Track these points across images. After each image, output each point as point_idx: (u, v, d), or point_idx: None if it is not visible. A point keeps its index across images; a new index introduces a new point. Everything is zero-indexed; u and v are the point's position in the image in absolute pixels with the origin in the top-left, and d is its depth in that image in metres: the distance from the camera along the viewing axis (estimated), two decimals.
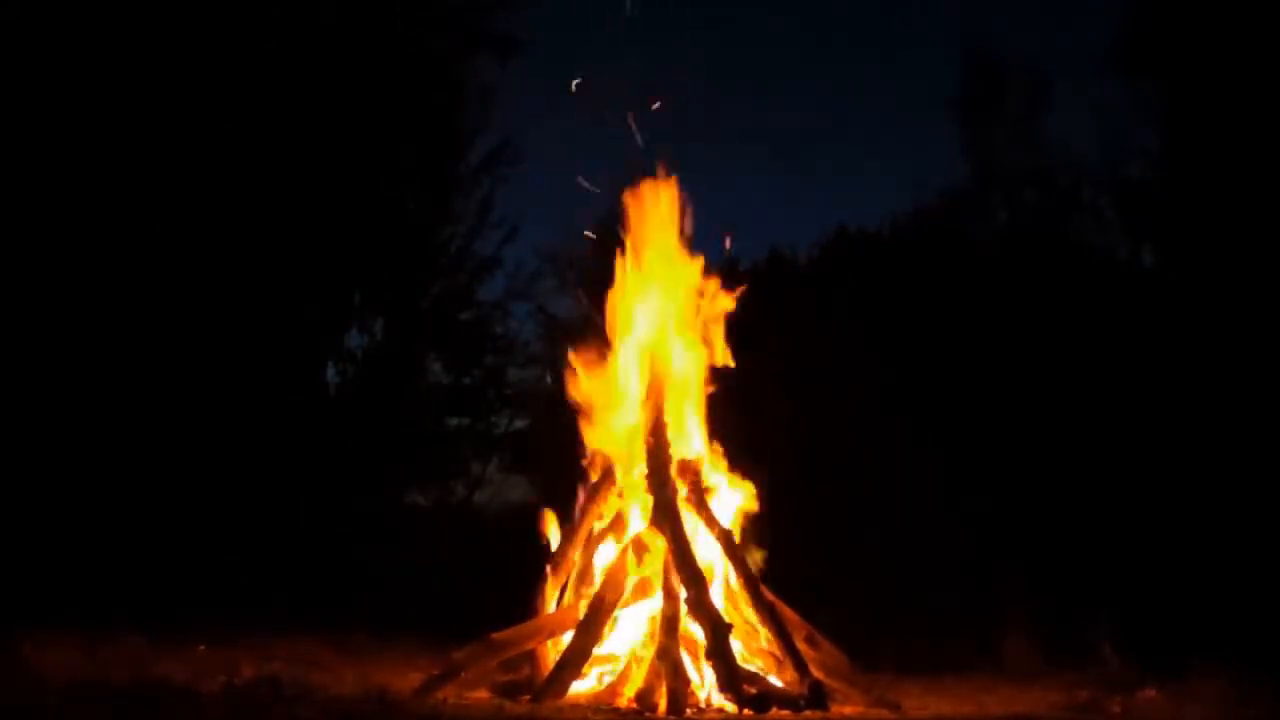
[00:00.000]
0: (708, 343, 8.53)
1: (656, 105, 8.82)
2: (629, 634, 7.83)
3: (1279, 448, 12.84)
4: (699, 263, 8.63)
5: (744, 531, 8.24)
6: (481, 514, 16.94)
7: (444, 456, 17.06)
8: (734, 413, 8.65)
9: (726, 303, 8.59)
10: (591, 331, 8.64)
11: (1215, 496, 12.78)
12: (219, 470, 13.92)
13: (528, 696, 7.47)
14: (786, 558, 8.39)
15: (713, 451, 8.42)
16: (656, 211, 8.61)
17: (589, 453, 8.50)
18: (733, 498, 8.35)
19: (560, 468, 9.17)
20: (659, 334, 8.52)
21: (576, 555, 8.22)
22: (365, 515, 15.14)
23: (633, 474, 8.23)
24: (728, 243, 9.47)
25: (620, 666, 7.69)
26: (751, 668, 7.59)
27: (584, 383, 8.56)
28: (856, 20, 37.30)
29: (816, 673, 7.47)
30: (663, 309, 8.54)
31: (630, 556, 7.88)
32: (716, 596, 7.71)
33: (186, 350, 14.23)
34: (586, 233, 8.95)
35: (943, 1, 31.95)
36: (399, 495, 16.61)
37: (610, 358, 8.56)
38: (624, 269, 8.64)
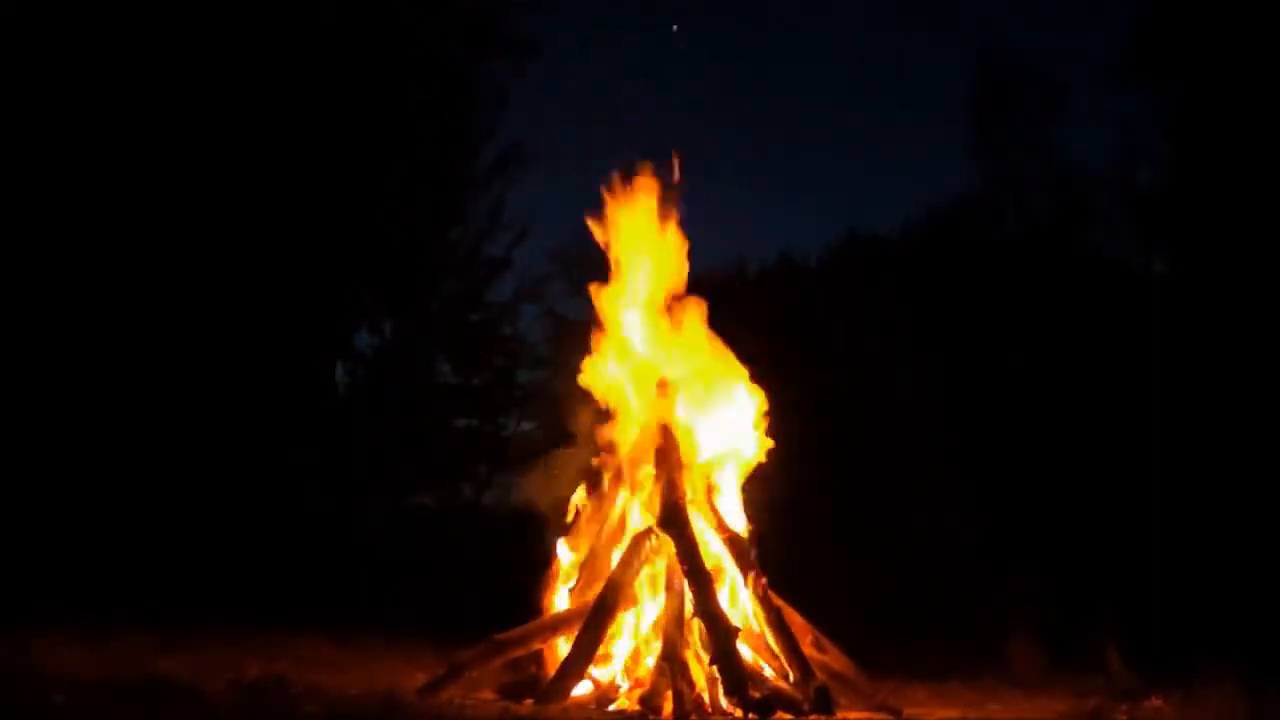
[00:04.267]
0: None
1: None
2: (635, 635, 7.82)
3: None
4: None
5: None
6: (488, 515, 16.94)
7: (452, 457, 17.07)
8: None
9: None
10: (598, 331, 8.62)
11: (1222, 504, 12.74)
12: (227, 469, 13.94)
13: (531, 698, 7.46)
14: (794, 562, 8.37)
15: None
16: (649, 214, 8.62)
17: (599, 453, 8.48)
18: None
19: (568, 469, 9.15)
20: (667, 335, 8.51)
21: (583, 555, 8.21)
22: (372, 515, 15.16)
23: (642, 475, 8.21)
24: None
25: (625, 668, 7.68)
26: (757, 671, 7.56)
27: (596, 383, 8.56)
28: (870, 27, 37.35)
29: (822, 677, 7.44)
30: (668, 309, 8.53)
31: (637, 558, 7.86)
32: (723, 599, 7.69)
33: (197, 350, 14.26)
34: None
35: (956, 8, 31.94)
36: (407, 496, 16.63)
37: (619, 358, 8.54)
38: (624, 273, 8.63)
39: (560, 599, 8.13)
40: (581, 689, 7.53)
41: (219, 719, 6.26)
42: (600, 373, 8.55)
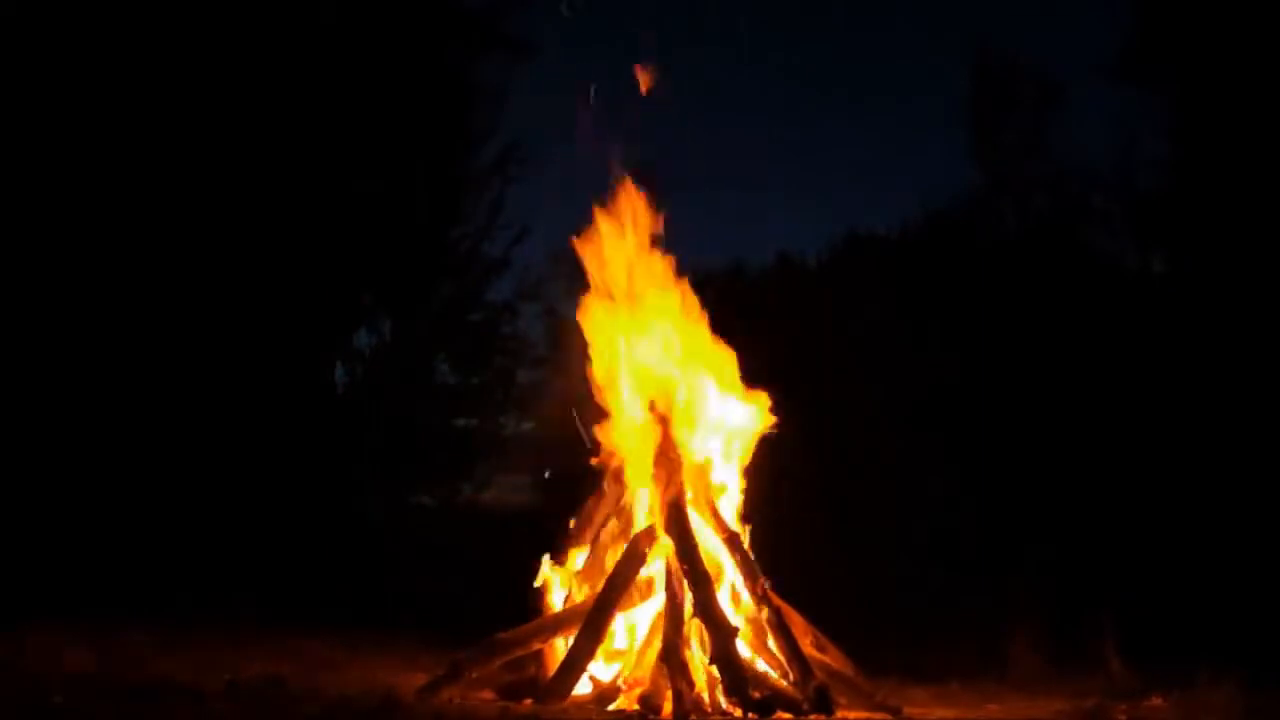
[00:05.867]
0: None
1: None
2: (634, 635, 7.82)
3: None
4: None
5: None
6: (487, 515, 16.94)
7: (451, 457, 17.06)
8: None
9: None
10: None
11: (1222, 503, 12.74)
12: (226, 469, 13.94)
13: (531, 698, 7.46)
14: (793, 562, 8.37)
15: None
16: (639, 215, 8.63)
17: (598, 453, 8.48)
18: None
19: (567, 468, 9.17)
20: (667, 333, 8.51)
21: (583, 555, 8.21)
22: (371, 515, 15.15)
23: (641, 474, 8.21)
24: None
25: (625, 668, 7.68)
26: (757, 671, 7.56)
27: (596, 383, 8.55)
28: (868, 26, 37.35)
29: (822, 677, 7.44)
30: (668, 307, 8.53)
31: (636, 557, 7.86)
32: (723, 598, 7.69)
33: (195, 350, 14.26)
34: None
35: (954, 7, 31.97)
36: (406, 495, 16.62)
37: (618, 358, 8.53)
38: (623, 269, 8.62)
39: (561, 599, 8.13)
40: (581, 689, 7.54)
41: (218, 719, 6.26)
42: (599, 372, 8.55)
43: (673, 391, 8.32)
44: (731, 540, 7.99)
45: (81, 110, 14.11)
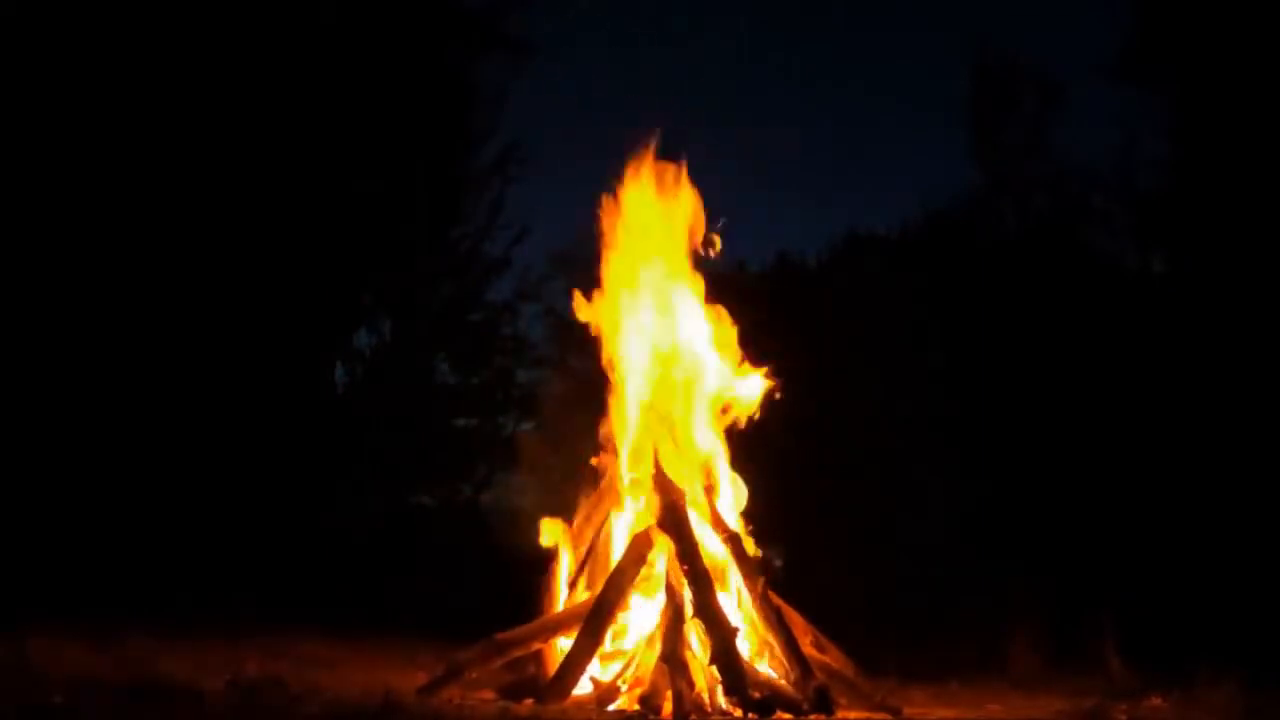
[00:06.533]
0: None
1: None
2: (634, 635, 7.82)
3: None
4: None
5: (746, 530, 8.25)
6: (487, 514, 16.94)
7: (451, 457, 17.07)
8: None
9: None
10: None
11: (1222, 503, 12.75)
12: (226, 469, 13.95)
13: (531, 698, 7.46)
14: (793, 562, 8.38)
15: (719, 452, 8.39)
16: (659, 202, 8.59)
17: (599, 452, 8.47)
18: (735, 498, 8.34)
19: (567, 468, 9.16)
20: (667, 333, 8.50)
21: (583, 555, 8.20)
22: (372, 514, 15.15)
23: (640, 474, 8.20)
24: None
25: (625, 668, 7.67)
26: (756, 671, 7.55)
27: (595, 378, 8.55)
28: (868, 26, 37.35)
29: (822, 677, 7.43)
30: (670, 306, 8.51)
31: (637, 558, 7.85)
32: (722, 599, 7.68)
33: (196, 350, 14.26)
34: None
35: (954, 7, 31.98)
36: (406, 495, 16.63)
37: (618, 358, 8.52)
38: (627, 263, 8.60)
39: (560, 599, 8.13)
40: (581, 689, 7.53)
41: (218, 719, 6.25)
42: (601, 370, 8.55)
43: (674, 389, 8.32)
44: (731, 540, 7.99)
45: (82, 111, 14.11)
